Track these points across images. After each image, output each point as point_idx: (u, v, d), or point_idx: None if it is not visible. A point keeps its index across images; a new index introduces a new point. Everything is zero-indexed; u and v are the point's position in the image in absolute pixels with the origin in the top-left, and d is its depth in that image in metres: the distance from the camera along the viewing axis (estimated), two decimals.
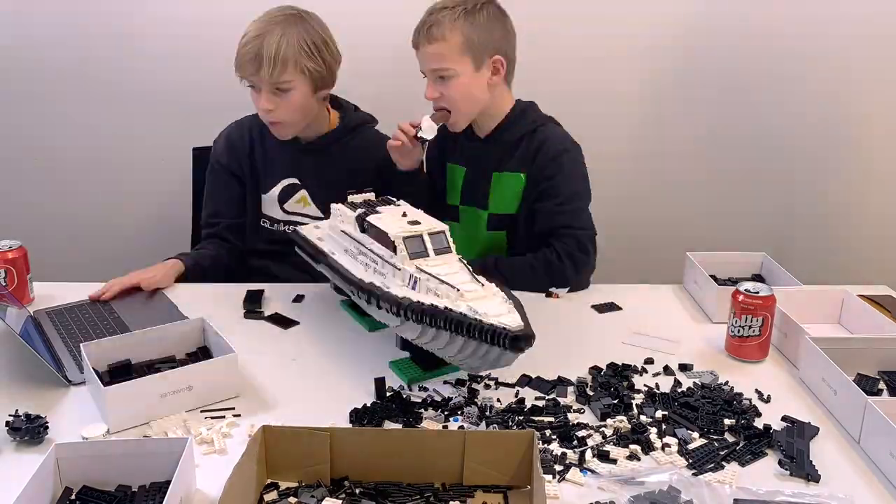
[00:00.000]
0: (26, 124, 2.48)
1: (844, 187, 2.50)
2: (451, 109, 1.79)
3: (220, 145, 1.98)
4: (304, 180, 1.94)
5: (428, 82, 1.79)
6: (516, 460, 1.08)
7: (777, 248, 1.83)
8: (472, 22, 1.74)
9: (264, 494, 1.08)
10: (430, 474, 1.10)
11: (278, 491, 1.09)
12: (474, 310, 1.17)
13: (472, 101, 1.79)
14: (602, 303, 1.69)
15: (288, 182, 1.94)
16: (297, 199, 1.94)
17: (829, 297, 1.60)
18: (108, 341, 1.39)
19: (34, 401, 1.29)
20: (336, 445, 1.09)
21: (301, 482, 1.10)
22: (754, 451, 1.18)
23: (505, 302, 1.22)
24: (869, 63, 2.36)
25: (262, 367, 1.42)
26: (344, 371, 1.42)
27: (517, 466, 1.08)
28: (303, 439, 1.09)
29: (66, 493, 1.05)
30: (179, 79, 2.39)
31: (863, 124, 2.43)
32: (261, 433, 1.09)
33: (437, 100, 1.79)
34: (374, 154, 1.90)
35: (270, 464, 1.10)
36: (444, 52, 1.74)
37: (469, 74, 1.76)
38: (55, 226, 2.55)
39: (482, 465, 1.08)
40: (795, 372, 1.42)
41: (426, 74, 1.79)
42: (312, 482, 1.09)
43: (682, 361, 1.44)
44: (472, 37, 1.74)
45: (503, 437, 1.13)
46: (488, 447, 1.08)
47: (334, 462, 1.10)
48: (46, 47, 2.39)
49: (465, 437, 1.09)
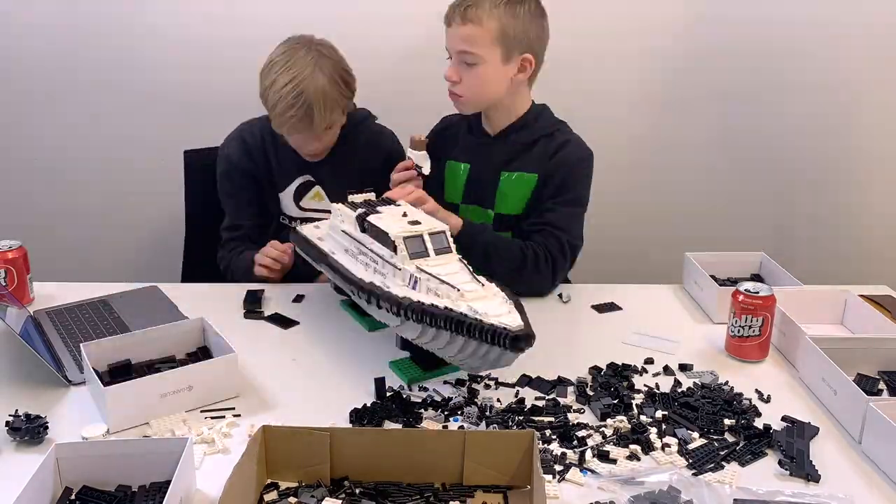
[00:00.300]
0: (26, 125, 2.48)
1: (844, 188, 2.50)
2: (464, 95, 1.73)
3: (234, 148, 1.96)
4: (317, 177, 1.95)
5: (452, 63, 1.71)
6: (516, 460, 1.08)
7: (777, 249, 1.83)
8: (513, 13, 1.67)
9: (264, 494, 1.08)
10: (429, 474, 1.10)
11: (278, 491, 1.09)
12: (474, 310, 1.17)
13: (490, 93, 1.74)
14: (602, 303, 1.69)
15: (303, 180, 1.95)
16: (312, 195, 1.96)
17: (832, 298, 1.60)
18: (108, 341, 1.39)
19: (34, 401, 1.30)
20: (336, 445, 1.09)
21: (301, 482, 1.10)
22: (754, 451, 1.18)
23: (505, 302, 1.22)
24: (869, 63, 2.36)
25: (262, 367, 1.42)
26: (344, 371, 1.42)
27: (517, 466, 1.08)
28: (303, 439, 1.09)
29: (66, 493, 1.05)
30: (178, 80, 2.39)
31: (863, 124, 2.43)
32: (261, 433, 1.09)
33: (454, 83, 1.72)
34: (382, 145, 1.95)
35: (270, 464, 1.10)
36: (476, 36, 1.66)
37: (495, 65, 1.69)
38: (55, 226, 2.55)
39: (482, 465, 1.09)
40: (795, 372, 1.42)
41: (450, 54, 1.72)
42: (312, 482, 1.09)
43: (682, 361, 1.44)
44: (509, 28, 1.67)
45: (503, 437, 1.13)
46: (488, 447, 1.08)
47: (334, 462, 1.10)
48: (45, 48, 2.39)
49: (465, 437, 1.09)
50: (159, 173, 2.46)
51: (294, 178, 1.95)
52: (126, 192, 2.53)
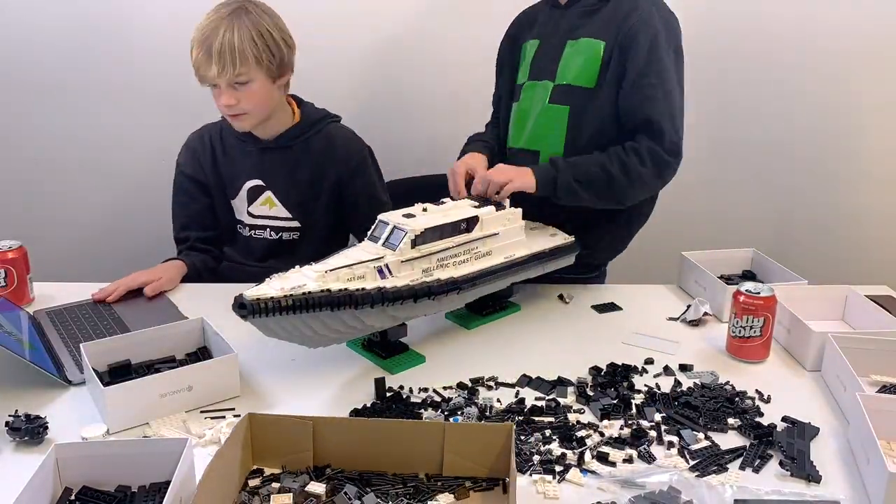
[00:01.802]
0: (28, 125, 2.48)
1: (844, 188, 2.49)
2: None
3: (184, 156, 1.96)
4: (267, 181, 1.90)
5: None
6: (495, 452, 1.10)
7: (777, 249, 1.83)
8: None
9: (249, 480, 1.10)
10: (410, 464, 1.12)
11: (262, 477, 1.11)
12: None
13: None
14: (602, 303, 1.69)
15: (252, 184, 1.90)
16: (262, 201, 1.91)
17: (832, 295, 1.60)
18: (108, 341, 1.39)
19: (34, 401, 1.30)
20: (319, 434, 1.11)
21: (284, 468, 1.12)
22: (762, 455, 1.16)
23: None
24: (869, 63, 2.36)
25: (262, 367, 1.42)
26: (344, 371, 1.42)
27: (496, 458, 1.10)
28: (287, 427, 1.12)
29: (65, 493, 1.05)
30: (178, 80, 2.37)
31: (863, 125, 2.43)
32: (246, 420, 1.11)
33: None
34: (339, 152, 1.90)
35: (256, 450, 1.13)
36: None
37: None
38: (55, 226, 2.55)
39: (461, 456, 1.10)
40: (799, 371, 1.43)
41: None
42: (295, 469, 1.11)
43: (682, 361, 1.44)
44: None
45: (481, 429, 1.15)
46: (467, 439, 1.11)
47: (317, 450, 1.12)
48: (46, 48, 2.39)
49: (444, 428, 1.11)
50: (161, 174, 2.46)
51: (243, 181, 1.91)
52: (126, 193, 2.53)
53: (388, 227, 1.42)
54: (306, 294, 1.26)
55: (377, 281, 1.35)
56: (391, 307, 1.36)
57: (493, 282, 1.52)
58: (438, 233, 1.43)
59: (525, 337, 1.56)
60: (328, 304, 1.28)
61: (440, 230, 1.44)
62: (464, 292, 1.46)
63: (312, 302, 1.26)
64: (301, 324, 1.30)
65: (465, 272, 1.46)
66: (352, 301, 1.30)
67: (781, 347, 1.51)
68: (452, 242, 1.45)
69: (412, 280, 1.39)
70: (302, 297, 1.26)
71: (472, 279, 1.46)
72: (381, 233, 1.42)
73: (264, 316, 1.25)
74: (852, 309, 1.58)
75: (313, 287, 1.28)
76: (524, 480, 1.11)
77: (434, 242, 1.43)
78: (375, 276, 1.35)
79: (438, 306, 1.47)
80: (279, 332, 1.31)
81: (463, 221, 1.47)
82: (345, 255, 1.38)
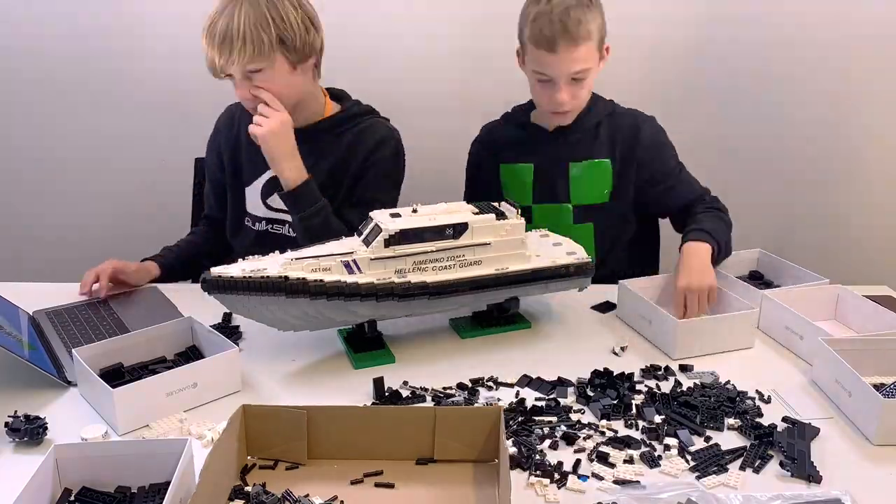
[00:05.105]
0: (32, 125, 2.48)
1: (844, 188, 2.49)
2: (573, 109, 1.70)
3: (221, 118, 1.90)
4: None
5: (560, 86, 1.63)
6: (484, 435, 1.12)
7: (777, 249, 1.83)
8: (599, 8, 1.64)
9: (244, 475, 1.12)
10: (403, 449, 1.14)
11: (258, 466, 1.13)
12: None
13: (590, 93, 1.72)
14: (602, 303, 1.69)
15: (271, 174, 1.73)
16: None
17: (825, 294, 1.59)
18: (99, 345, 1.37)
19: (33, 401, 1.30)
20: (313, 422, 1.13)
21: (279, 458, 1.14)
22: (762, 456, 1.16)
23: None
24: (870, 63, 2.36)
25: (262, 368, 1.42)
26: (344, 371, 1.42)
27: (485, 441, 1.12)
28: (281, 417, 1.13)
29: (65, 493, 1.05)
30: (180, 80, 2.38)
31: (863, 125, 2.43)
32: (241, 412, 1.12)
33: (563, 104, 1.66)
34: (369, 141, 1.75)
35: (250, 441, 1.14)
36: (590, 50, 1.60)
37: (596, 67, 1.66)
38: (55, 226, 2.55)
39: (452, 439, 1.13)
40: (804, 370, 1.42)
41: (554, 78, 1.62)
42: (290, 458, 1.13)
43: (682, 362, 1.44)
44: (602, 25, 1.63)
45: (471, 412, 1.17)
46: (457, 423, 1.13)
47: (311, 439, 1.14)
48: (47, 48, 2.39)
49: (435, 412, 1.13)
50: (161, 174, 2.47)
51: (263, 170, 1.77)
52: (128, 194, 2.53)
53: (371, 224, 1.42)
54: (263, 278, 1.33)
55: (342, 275, 1.37)
56: (350, 303, 1.37)
57: (475, 292, 1.45)
58: (419, 235, 1.40)
59: (525, 336, 1.55)
60: (282, 290, 1.33)
61: (421, 233, 1.40)
62: (435, 299, 1.42)
63: (266, 286, 1.33)
64: (260, 305, 1.36)
65: (443, 279, 1.42)
66: (305, 291, 1.34)
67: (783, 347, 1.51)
68: (432, 247, 1.41)
69: (379, 279, 1.38)
70: (258, 280, 1.33)
71: (449, 287, 1.42)
72: (364, 229, 1.43)
73: (223, 293, 1.34)
74: (845, 306, 1.57)
75: (272, 272, 1.33)
76: (524, 480, 1.11)
77: (412, 245, 1.40)
78: (342, 270, 1.37)
79: (406, 309, 1.43)
80: (242, 311, 1.39)
81: (449, 227, 1.42)
82: (321, 247, 1.41)
